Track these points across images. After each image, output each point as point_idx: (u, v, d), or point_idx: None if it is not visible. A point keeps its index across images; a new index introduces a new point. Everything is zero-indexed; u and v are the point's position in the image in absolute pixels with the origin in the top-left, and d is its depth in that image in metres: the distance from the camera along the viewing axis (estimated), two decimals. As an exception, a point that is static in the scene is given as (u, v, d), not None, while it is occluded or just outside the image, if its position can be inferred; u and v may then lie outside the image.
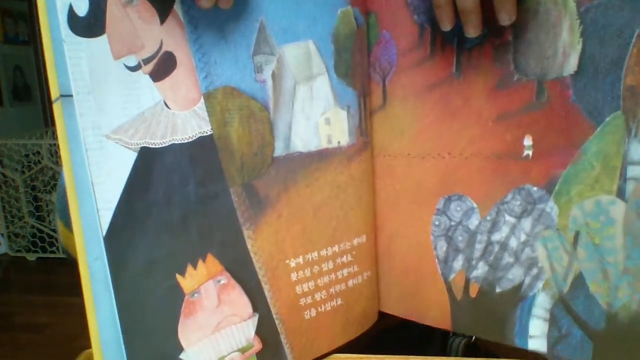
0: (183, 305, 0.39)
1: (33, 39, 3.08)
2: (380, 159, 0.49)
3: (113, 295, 0.36)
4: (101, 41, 0.34)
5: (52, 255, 2.41)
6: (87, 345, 0.46)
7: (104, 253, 0.35)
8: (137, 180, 0.36)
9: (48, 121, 3.07)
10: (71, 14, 0.32)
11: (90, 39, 0.34)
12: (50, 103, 0.38)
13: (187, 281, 0.39)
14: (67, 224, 0.47)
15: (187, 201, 0.38)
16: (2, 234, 2.43)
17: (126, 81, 0.35)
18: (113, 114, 0.35)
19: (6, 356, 1.62)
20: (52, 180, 2.42)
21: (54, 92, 0.34)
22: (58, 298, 2.00)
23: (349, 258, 0.48)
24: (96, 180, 0.35)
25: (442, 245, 0.46)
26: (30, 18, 3.06)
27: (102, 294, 0.36)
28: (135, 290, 0.37)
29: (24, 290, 2.16)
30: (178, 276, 0.39)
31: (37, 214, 2.45)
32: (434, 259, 0.47)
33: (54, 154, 2.38)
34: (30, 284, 2.23)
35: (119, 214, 0.36)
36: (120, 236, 0.36)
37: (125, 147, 0.36)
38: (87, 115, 0.34)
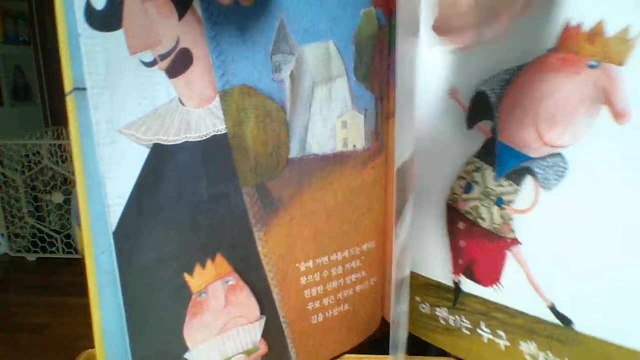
0: (190, 304, 0.39)
1: (33, 39, 3.07)
2: (389, 165, 0.48)
3: (119, 291, 0.36)
4: (117, 36, 0.33)
5: (52, 255, 2.41)
6: (87, 345, 0.45)
7: (111, 247, 0.35)
8: (149, 177, 0.36)
9: (48, 121, 3.07)
10: (88, 7, 0.32)
11: (106, 33, 0.33)
12: (51, 103, 0.37)
13: (195, 280, 0.39)
14: None
15: (198, 200, 0.38)
16: (2, 234, 2.42)
17: (141, 77, 0.35)
18: (127, 109, 0.35)
19: (6, 356, 1.62)
20: (52, 180, 2.41)
21: (68, 85, 0.33)
22: (58, 298, 2.00)
23: (358, 263, 0.48)
24: (107, 174, 0.34)
25: None
26: (30, 18, 3.05)
27: (107, 288, 0.36)
28: (142, 287, 0.37)
29: (24, 290, 2.15)
30: (186, 275, 0.38)
31: (37, 214, 2.44)
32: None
33: (54, 154, 2.37)
34: (30, 284, 2.23)
35: (129, 210, 0.35)
36: (129, 232, 0.36)
37: (138, 142, 0.35)
38: (101, 109, 0.34)
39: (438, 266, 0.45)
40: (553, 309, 0.37)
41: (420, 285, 0.47)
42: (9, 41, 2.90)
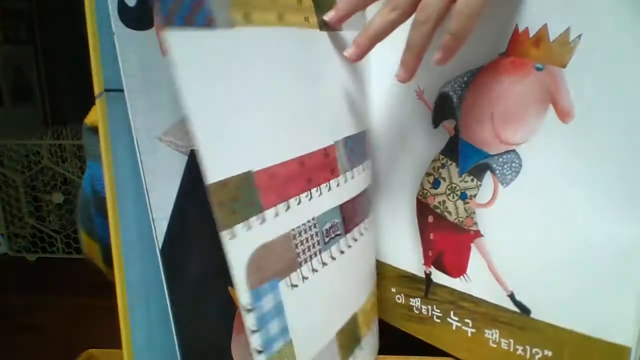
0: (235, 319, 0.38)
1: (33, 39, 3.09)
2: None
3: (149, 307, 0.34)
4: (150, 35, 0.31)
5: (52, 255, 2.42)
6: (87, 345, 0.47)
7: (142, 261, 0.33)
8: (189, 187, 0.34)
9: (48, 121, 3.08)
10: (121, 3, 0.30)
11: (139, 31, 0.31)
12: (51, 103, 0.36)
13: None
14: (91, 233, 0.46)
15: None
16: (2, 234, 2.44)
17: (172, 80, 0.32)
18: (163, 114, 0.33)
19: (6, 356, 1.63)
20: (52, 180, 2.43)
21: (98, 87, 0.31)
22: (58, 298, 2.01)
23: None
24: (150, 186, 0.32)
25: None
26: (30, 18, 3.07)
27: (137, 304, 0.33)
28: (192, 305, 0.35)
29: (24, 290, 2.16)
30: (230, 288, 0.37)
31: (37, 214, 2.46)
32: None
33: (54, 154, 2.39)
34: (30, 284, 2.24)
35: (174, 224, 0.33)
36: (175, 247, 0.33)
37: (177, 150, 0.34)
38: (139, 115, 0.31)
39: (411, 258, 0.47)
40: (512, 297, 0.40)
41: (396, 277, 0.49)
42: (9, 41, 2.91)
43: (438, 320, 0.46)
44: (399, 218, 0.47)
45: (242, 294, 0.30)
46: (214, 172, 0.29)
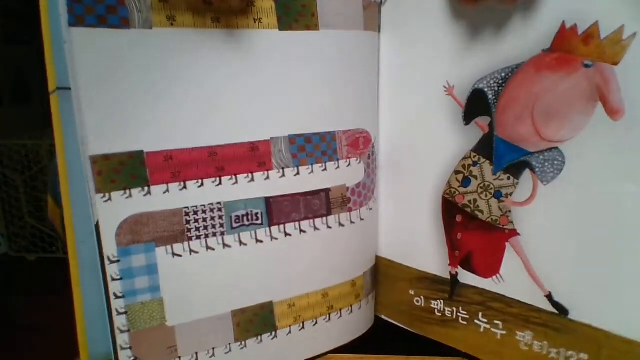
0: None
1: (33, 39, 3.08)
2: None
3: (100, 278, 0.37)
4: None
5: (52, 255, 2.40)
6: None
7: (91, 238, 0.37)
8: None
9: (48, 121, 3.06)
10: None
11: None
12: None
13: None
14: (56, 199, 0.51)
15: None
16: (2, 234, 2.42)
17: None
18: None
19: (6, 356, 1.62)
20: (53, 180, 2.42)
21: (52, 85, 0.35)
22: (58, 298, 1.99)
23: None
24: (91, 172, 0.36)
25: None
26: (30, 18, 3.06)
27: (87, 275, 0.37)
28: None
29: (24, 290, 2.15)
30: None
31: (37, 214, 2.44)
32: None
33: (54, 154, 2.38)
34: (30, 284, 2.22)
35: None
36: None
37: None
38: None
39: (434, 259, 0.46)
40: (550, 298, 0.39)
41: (415, 279, 0.48)
42: (9, 41, 2.90)
43: (464, 322, 0.45)
44: (420, 217, 0.46)
45: (108, 247, 0.36)
46: (95, 147, 0.35)
